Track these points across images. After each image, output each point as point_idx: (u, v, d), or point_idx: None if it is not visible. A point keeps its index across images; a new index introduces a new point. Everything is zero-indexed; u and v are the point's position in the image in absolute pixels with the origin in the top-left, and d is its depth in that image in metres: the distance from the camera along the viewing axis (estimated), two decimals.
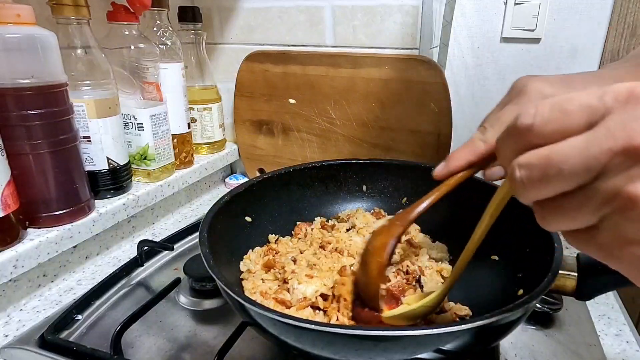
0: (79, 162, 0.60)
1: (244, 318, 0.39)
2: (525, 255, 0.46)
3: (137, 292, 0.57)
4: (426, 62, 0.72)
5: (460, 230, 0.56)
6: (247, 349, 0.46)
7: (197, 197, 0.89)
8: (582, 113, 0.21)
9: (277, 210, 0.60)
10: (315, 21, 0.81)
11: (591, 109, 0.21)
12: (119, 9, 0.65)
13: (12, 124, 0.52)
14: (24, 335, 0.49)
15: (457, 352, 0.35)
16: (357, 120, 0.80)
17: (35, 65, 0.52)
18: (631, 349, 0.48)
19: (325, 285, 0.45)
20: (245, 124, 0.91)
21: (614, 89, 0.21)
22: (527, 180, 0.22)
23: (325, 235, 0.56)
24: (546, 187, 0.22)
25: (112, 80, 0.64)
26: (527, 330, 0.49)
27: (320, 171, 0.63)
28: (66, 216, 0.58)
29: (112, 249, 0.69)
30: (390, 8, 0.75)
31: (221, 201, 0.51)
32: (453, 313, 0.46)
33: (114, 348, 0.44)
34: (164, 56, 0.74)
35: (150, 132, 0.71)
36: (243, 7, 0.86)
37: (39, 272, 0.58)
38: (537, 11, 0.79)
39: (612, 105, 0.20)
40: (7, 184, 0.51)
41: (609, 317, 0.53)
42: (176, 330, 0.50)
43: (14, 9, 0.50)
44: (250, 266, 0.51)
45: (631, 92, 0.20)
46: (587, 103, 0.21)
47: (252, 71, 0.86)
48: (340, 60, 0.78)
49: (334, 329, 0.32)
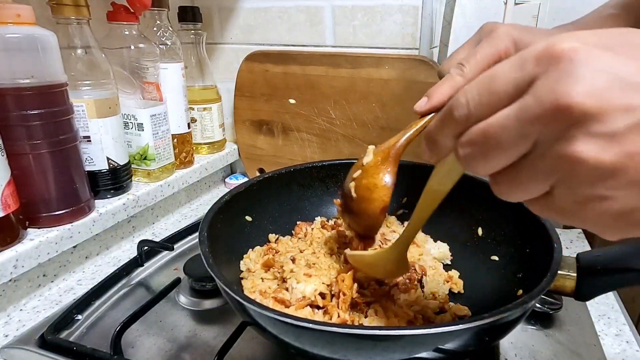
0: (79, 162, 0.60)
1: (243, 317, 0.39)
2: (525, 255, 0.46)
3: (137, 292, 0.57)
4: (426, 62, 0.72)
5: (461, 230, 0.57)
6: (247, 349, 0.46)
7: (197, 197, 0.89)
8: (508, 87, 0.21)
9: (277, 210, 0.60)
10: (315, 21, 0.81)
11: (516, 80, 0.21)
12: (119, 9, 0.65)
13: (12, 124, 0.52)
14: (24, 335, 0.49)
15: (457, 352, 0.35)
16: (357, 120, 0.80)
17: (35, 65, 0.52)
18: (631, 349, 0.48)
19: (324, 284, 0.45)
20: (245, 124, 0.91)
21: (533, 54, 0.21)
22: (471, 156, 0.23)
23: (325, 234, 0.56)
24: (491, 160, 0.22)
25: (112, 80, 0.64)
26: (527, 330, 0.49)
27: (321, 171, 0.63)
28: (66, 216, 0.58)
29: (112, 249, 0.69)
30: (390, 8, 0.75)
31: (221, 201, 0.51)
32: (453, 313, 0.46)
33: (114, 348, 0.44)
34: (164, 56, 0.74)
35: (150, 132, 0.71)
36: (243, 7, 0.86)
37: (39, 272, 0.58)
38: (537, 11, 0.79)
39: (534, 71, 0.21)
40: (7, 184, 0.51)
41: (609, 317, 0.53)
42: (176, 330, 0.50)
43: (14, 9, 0.50)
44: (250, 265, 0.51)
45: (549, 53, 0.20)
46: (511, 76, 0.21)
47: (252, 71, 0.86)
48: (340, 60, 0.78)
49: (333, 328, 0.32)
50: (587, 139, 0.19)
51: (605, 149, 0.19)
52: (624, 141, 0.19)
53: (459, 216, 0.56)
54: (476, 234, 0.55)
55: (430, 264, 0.53)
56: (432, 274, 0.51)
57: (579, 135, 0.19)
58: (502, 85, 0.22)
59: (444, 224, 0.56)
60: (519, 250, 0.47)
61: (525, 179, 0.22)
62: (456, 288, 0.51)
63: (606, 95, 0.19)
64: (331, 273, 0.47)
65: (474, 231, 0.55)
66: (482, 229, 0.54)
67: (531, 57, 0.21)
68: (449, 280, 0.51)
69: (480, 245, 0.54)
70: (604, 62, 0.19)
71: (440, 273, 0.52)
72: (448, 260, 0.56)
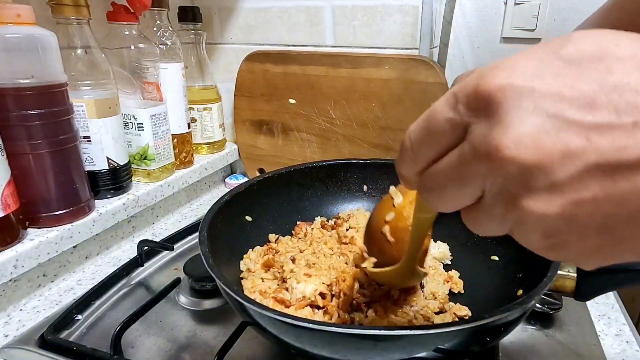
0: (79, 162, 0.60)
1: (243, 317, 0.39)
2: (525, 255, 0.46)
3: (137, 292, 0.57)
4: (426, 62, 0.72)
5: (461, 230, 0.57)
6: (247, 349, 0.46)
7: (197, 197, 0.89)
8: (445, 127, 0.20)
9: (277, 210, 0.60)
10: (315, 21, 0.81)
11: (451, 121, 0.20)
12: (119, 9, 0.65)
13: (12, 124, 0.52)
14: (24, 335, 0.49)
15: (457, 352, 0.35)
16: (357, 120, 0.80)
17: (35, 65, 0.52)
18: (631, 349, 0.48)
19: (324, 284, 0.45)
20: (245, 124, 0.91)
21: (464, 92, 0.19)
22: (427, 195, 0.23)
23: (325, 234, 0.56)
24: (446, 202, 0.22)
25: (112, 80, 0.64)
26: (527, 330, 0.49)
27: (321, 171, 0.63)
28: (66, 216, 0.58)
29: (112, 249, 0.69)
30: (390, 8, 0.75)
31: (221, 201, 0.51)
32: (452, 313, 0.46)
33: (114, 348, 0.44)
34: (164, 56, 0.74)
35: (150, 132, 0.71)
36: (243, 7, 0.86)
37: (39, 272, 0.58)
38: (537, 11, 0.79)
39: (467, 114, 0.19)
40: (7, 184, 0.51)
41: (609, 317, 0.53)
42: (176, 330, 0.50)
43: (14, 9, 0.50)
44: (250, 265, 0.51)
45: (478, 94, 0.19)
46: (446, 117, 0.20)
47: (252, 71, 0.86)
48: (340, 60, 0.78)
49: (333, 328, 0.32)
50: (529, 193, 0.18)
51: (549, 202, 0.18)
52: (568, 190, 0.17)
53: (459, 216, 0.56)
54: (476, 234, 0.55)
55: (430, 264, 0.53)
56: (432, 274, 0.51)
57: (521, 190, 0.18)
58: (439, 127, 0.21)
59: (444, 224, 0.56)
60: (519, 250, 0.47)
61: (484, 220, 0.21)
62: (456, 288, 0.51)
63: (540, 142, 0.17)
64: (331, 273, 0.47)
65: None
66: None
67: (462, 97, 0.19)
68: (449, 280, 0.51)
69: (480, 245, 0.54)
70: (535, 100, 0.17)
71: (440, 273, 0.52)
72: (448, 260, 0.56)
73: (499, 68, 0.19)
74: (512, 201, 0.19)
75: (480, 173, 0.19)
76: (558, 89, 0.17)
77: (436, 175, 0.22)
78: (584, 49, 0.18)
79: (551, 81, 0.17)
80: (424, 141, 0.22)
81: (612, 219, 0.17)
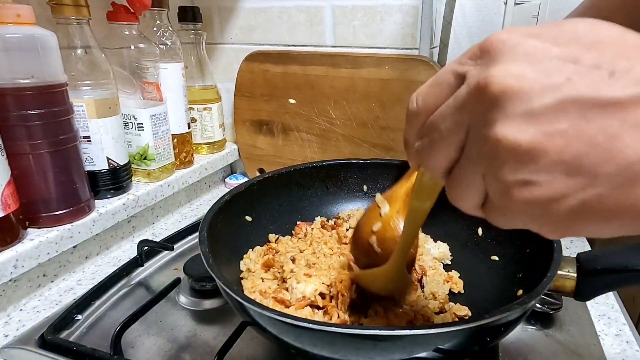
0: (79, 162, 0.60)
1: (243, 317, 0.39)
2: (525, 255, 0.46)
3: (137, 292, 0.57)
4: (426, 62, 0.72)
5: (461, 230, 0.57)
6: (247, 349, 0.46)
7: (197, 197, 0.89)
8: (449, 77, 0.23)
9: (277, 210, 0.60)
10: (315, 21, 0.81)
11: (455, 70, 0.22)
12: (119, 9, 0.65)
13: (12, 124, 0.52)
14: (24, 335, 0.49)
15: (457, 352, 0.35)
16: (357, 120, 0.80)
17: (35, 65, 0.52)
18: (631, 349, 0.48)
19: (324, 284, 0.45)
20: (245, 124, 0.91)
21: (471, 50, 0.22)
22: (422, 149, 0.24)
23: (325, 234, 0.56)
24: (437, 152, 0.23)
25: (112, 80, 0.64)
26: (527, 330, 0.49)
27: (321, 171, 0.63)
28: (66, 216, 0.58)
29: (112, 249, 0.69)
30: (390, 8, 0.75)
31: (221, 201, 0.51)
32: (452, 313, 0.46)
33: (114, 348, 0.44)
34: (164, 56, 0.74)
35: (150, 132, 0.71)
36: (243, 7, 0.86)
37: (39, 272, 0.58)
38: (537, 11, 0.79)
39: (469, 65, 0.22)
40: (7, 184, 0.51)
41: (609, 317, 0.53)
42: (176, 330, 0.50)
43: (14, 9, 0.50)
44: (250, 265, 0.51)
45: (482, 46, 0.21)
46: (451, 69, 0.23)
47: (252, 71, 0.86)
48: (340, 60, 0.78)
49: (333, 328, 0.32)
50: (504, 120, 0.19)
51: (522, 130, 0.19)
52: (542, 121, 0.18)
53: (459, 216, 0.55)
54: (476, 233, 0.55)
55: (430, 264, 0.53)
56: (432, 274, 0.51)
57: (498, 116, 0.19)
58: (444, 78, 0.23)
59: (444, 224, 0.56)
60: (519, 250, 0.47)
61: (465, 174, 0.22)
62: (456, 288, 0.51)
63: (525, 74, 0.19)
64: (331, 273, 0.47)
65: (474, 231, 0.55)
66: (482, 228, 0.54)
67: (469, 53, 0.22)
68: (449, 280, 0.51)
69: (480, 245, 0.54)
70: (528, 46, 0.20)
71: (440, 273, 0.52)
72: (448, 260, 0.56)
73: (502, 31, 0.21)
74: (487, 132, 0.20)
75: (468, 107, 0.21)
76: (551, 45, 0.20)
77: (432, 121, 0.23)
78: (580, 26, 0.20)
79: (547, 38, 0.20)
80: (429, 93, 0.24)
81: (581, 160, 0.18)
